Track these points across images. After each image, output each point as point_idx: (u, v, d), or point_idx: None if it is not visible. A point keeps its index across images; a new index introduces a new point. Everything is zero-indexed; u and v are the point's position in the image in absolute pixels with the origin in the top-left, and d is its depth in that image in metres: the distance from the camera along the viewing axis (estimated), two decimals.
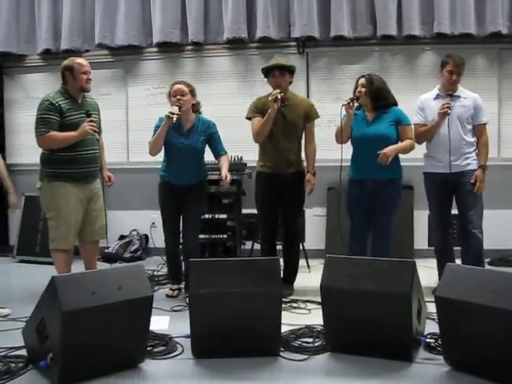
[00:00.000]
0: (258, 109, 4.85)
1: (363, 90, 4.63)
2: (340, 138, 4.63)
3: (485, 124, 4.76)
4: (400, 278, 3.33)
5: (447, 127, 4.61)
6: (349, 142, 4.72)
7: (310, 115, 4.94)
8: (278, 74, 4.80)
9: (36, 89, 6.80)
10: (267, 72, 4.90)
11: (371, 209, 4.66)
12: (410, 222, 6.09)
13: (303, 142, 5.01)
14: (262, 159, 4.96)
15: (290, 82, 4.96)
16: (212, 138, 4.86)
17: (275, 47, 6.40)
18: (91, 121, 4.43)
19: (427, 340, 3.49)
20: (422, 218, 6.10)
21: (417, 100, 4.91)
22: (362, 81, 4.67)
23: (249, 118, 4.93)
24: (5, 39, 6.81)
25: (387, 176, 4.59)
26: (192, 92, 4.80)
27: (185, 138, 4.75)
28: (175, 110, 4.59)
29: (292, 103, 4.89)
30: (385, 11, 6.09)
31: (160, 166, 4.94)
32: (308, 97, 6.32)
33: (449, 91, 4.69)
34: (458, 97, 4.72)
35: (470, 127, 4.70)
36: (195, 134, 4.79)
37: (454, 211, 4.84)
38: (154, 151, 4.76)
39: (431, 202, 4.85)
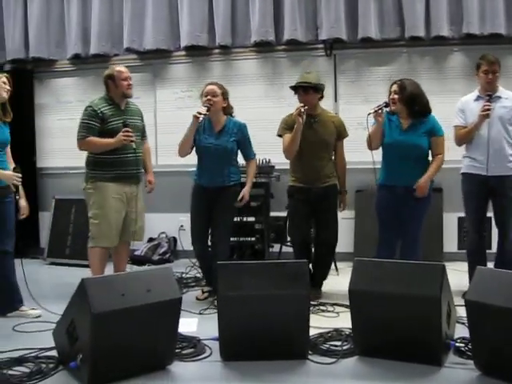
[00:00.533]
0: (289, 125, 4.80)
1: (396, 96, 4.56)
2: (369, 144, 4.61)
3: None
4: (429, 281, 3.29)
5: (487, 129, 4.53)
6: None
7: (341, 133, 4.92)
8: (302, 92, 4.77)
9: (66, 93, 6.91)
10: (295, 89, 4.86)
11: (401, 216, 4.62)
12: (440, 225, 6.03)
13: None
14: (293, 175, 4.93)
15: (321, 98, 4.92)
16: (243, 140, 4.88)
17: (302, 49, 6.41)
18: (127, 131, 4.57)
19: (457, 344, 3.44)
20: (451, 221, 6.04)
21: (458, 102, 4.82)
22: (395, 87, 4.59)
23: (280, 136, 4.90)
24: (36, 44, 6.92)
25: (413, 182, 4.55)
26: (224, 94, 4.83)
27: (215, 138, 4.76)
28: (203, 110, 4.62)
29: (322, 119, 4.87)
30: (413, 12, 6.03)
31: (190, 170, 4.98)
32: (336, 100, 6.31)
33: (488, 92, 4.58)
34: (499, 97, 4.61)
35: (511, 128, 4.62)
36: (226, 134, 4.79)
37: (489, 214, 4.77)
38: (182, 152, 4.80)
39: (468, 204, 4.76)
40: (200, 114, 4.58)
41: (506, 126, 4.57)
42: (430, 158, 4.68)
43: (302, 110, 4.56)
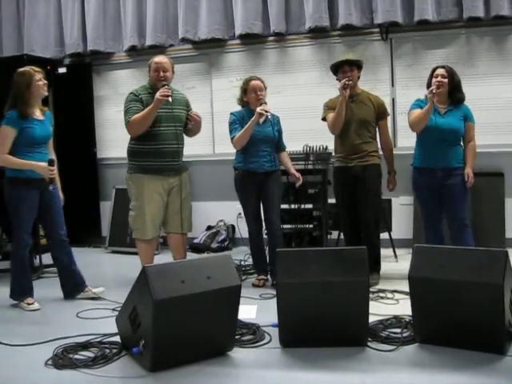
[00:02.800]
0: (330, 106, 4.95)
1: (444, 80, 4.55)
2: (418, 127, 4.63)
3: None
4: (492, 268, 3.22)
5: None
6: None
7: (381, 113, 4.99)
8: (348, 69, 4.86)
9: (123, 85, 7.01)
10: (336, 68, 4.95)
11: (442, 199, 4.63)
12: (502, 210, 5.88)
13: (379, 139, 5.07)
14: (336, 155, 5.09)
15: (358, 77, 4.98)
16: (279, 132, 5.06)
17: (358, 34, 6.33)
18: (165, 89, 4.54)
19: None
20: None
21: None
22: (442, 71, 4.58)
23: (324, 119, 5.03)
24: (93, 38, 7.07)
25: (455, 164, 4.61)
26: (265, 88, 4.97)
27: (260, 127, 4.85)
28: (267, 107, 4.71)
29: (361, 99, 4.96)
30: None
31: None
32: (393, 84, 6.22)
33: None
34: None
35: None
36: (268, 124, 4.90)
37: None
38: (239, 145, 4.88)
39: None
40: (266, 111, 4.68)
41: None
42: None
43: (347, 82, 4.68)
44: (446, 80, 4.57)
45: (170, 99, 4.56)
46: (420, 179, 4.72)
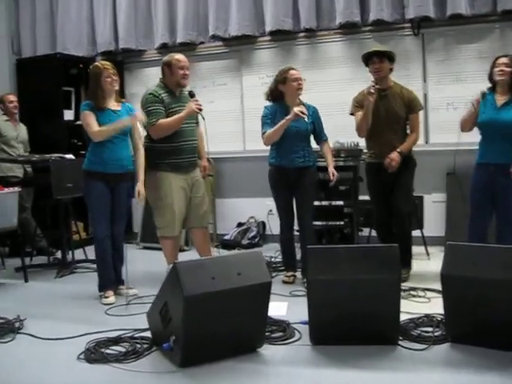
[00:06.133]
0: (359, 102, 4.85)
1: (507, 69, 4.37)
2: (466, 126, 4.51)
3: None
4: None
5: None
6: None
7: (412, 107, 4.87)
8: (376, 60, 4.77)
9: (155, 82, 7.03)
10: (367, 60, 4.88)
11: (494, 196, 4.46)
12: None
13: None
14: (369, 150, 5.01)
15: (391, 70, 4.89)
16: (317, 123, 4.99)
17: (389, 29, 6.26)
18: (197, 100, 4.66)
19: None
20: None
21: None
22: (504, 60, 4.40)
23: (352, 114, 4.96)
24: (124, 36, 7.14)
25: (509, 160, 4.34)
26: None
27: (295, 122, 4.76)
28: (304, 110, 4.69)
29: (393, 92, 4.86)
30: None
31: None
32: (425, 80, 6.14)
33: None
34: None
35: None
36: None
37: None
38: (269, 142, 4.88)
39: None
40: (303, 114, 4.65)
41: None
42: None
43: (373, 90, 4.59)
44: (510, 69, 4.37)
45: (202, 114, 4.70)
46: (476, 175, 4.54)
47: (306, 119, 4.73)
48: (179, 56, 4.87)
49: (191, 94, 4.76)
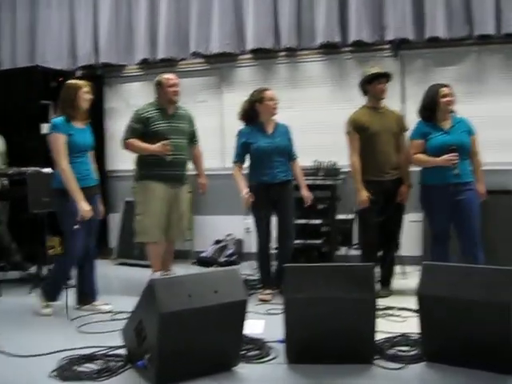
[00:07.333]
0: (357, 124, 4.92)
1: (453, 98, 4.60)
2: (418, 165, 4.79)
3: None
4: (501, 287, 3.19)
5: None
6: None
7: (403, 125, 5.06)
8: (385, 81, 4.97)
9: (135, 97, 7.04)
10: (371, 79, 4.94)
11: (455, 215, 4.61)
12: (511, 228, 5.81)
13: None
14: (365, 168, 4.93)
15: None
16: (290, 141, 5.12)
17: (369, 50, 6.33)
18: (166, 144, 4.93)
19: None
20: None
21: None
22: (449, 90, 4.61)
23: (347, 133, 4.99)
24: (105, 50, 7.13)
25: (466, 179, 4.57)
26: None
27: (270, 139, 4.96)
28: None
29: (387, 110, 5.04)
30: (482, 9, 5.82)
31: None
32: (403, 101, 6.20)
33: None
34: None
35: None
36: (279, 134, 5.02)
37: None
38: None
39: None
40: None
41: None
42: None
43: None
44: (454, 98, 4.61)
45: (167, 158, 4.97)
46: (432, 196, 4.68)
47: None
48: (168, 75, 5.18)
49: (166, 138, 4.97)
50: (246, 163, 5.09)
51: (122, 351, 3.54)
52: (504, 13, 5.83)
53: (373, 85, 4.93)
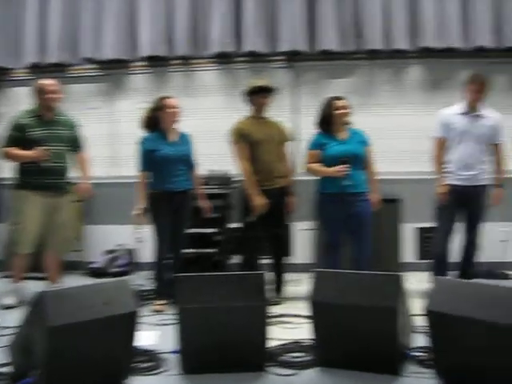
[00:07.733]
0: (244, 133, 5.02)
1: (348, 111, 4.84)
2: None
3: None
4: (386, 292, 3.32)
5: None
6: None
7: (285, 136, 5.22)
8: (267, 95, 5.07)
9: (24, 102, 6.75)
10: (253, 91, 5.07)
11: (350, 225, 4.80)
12: (397, 236, 6.01)
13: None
14: (257, 176, 5.01)
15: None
16: (191, 149, 5.13)
17: (263, 61, 6.40)
18: (44, 149, 4.79)
19: (415, 354, 3.47)
20: (408, 231, 6.10)
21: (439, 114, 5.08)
22: (344, 102, 4.83)
23: (234, 143, 5.07)
24: None
25: (361, 189, 4.78)
26: None
27: (174, 147, 4.94)
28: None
29: (268, 121, 5.17)
30: (371, 25, 6.07)
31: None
32: (297, 112, 6.33)
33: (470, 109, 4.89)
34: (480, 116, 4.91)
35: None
36: (182, 143, 5.03)
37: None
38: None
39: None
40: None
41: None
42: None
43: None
44: (349, 110, 4.81)
45: (43, 165, 4.83)
46: (327, 205, 4.81)
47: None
48: (47, 81, 5.01)
49: (44, 143, 4.83)
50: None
51: (7, 369, 3.35)
52: (391, 29, 6.08)
53: (255, 97, 5.05)
